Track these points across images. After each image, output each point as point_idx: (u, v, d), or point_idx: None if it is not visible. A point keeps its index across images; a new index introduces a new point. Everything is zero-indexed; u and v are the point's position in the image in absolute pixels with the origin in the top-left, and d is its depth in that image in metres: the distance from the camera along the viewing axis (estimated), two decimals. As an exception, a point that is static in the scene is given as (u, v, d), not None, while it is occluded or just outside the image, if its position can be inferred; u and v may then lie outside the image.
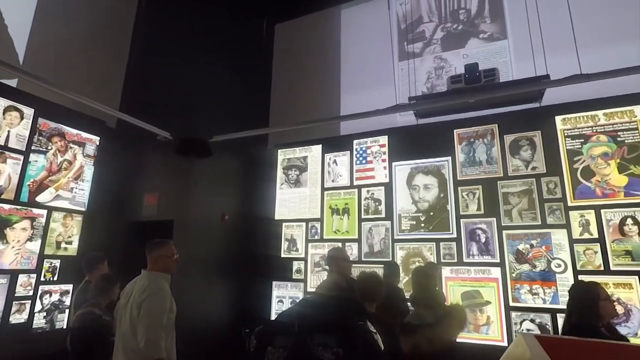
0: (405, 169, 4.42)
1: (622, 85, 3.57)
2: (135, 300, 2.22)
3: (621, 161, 3.54)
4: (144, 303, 2.18)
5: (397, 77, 4.64)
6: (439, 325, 2.16)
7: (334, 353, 0.76)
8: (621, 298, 3.28)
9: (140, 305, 2.18)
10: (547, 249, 3.61)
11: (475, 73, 3.64)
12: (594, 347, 0.95)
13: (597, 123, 3.70)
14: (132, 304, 2.23)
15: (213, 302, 4.61)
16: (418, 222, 4.20)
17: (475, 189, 4.02)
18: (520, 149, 3.94)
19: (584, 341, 1.07)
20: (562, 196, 3.66)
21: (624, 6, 3.96)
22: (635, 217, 3.38)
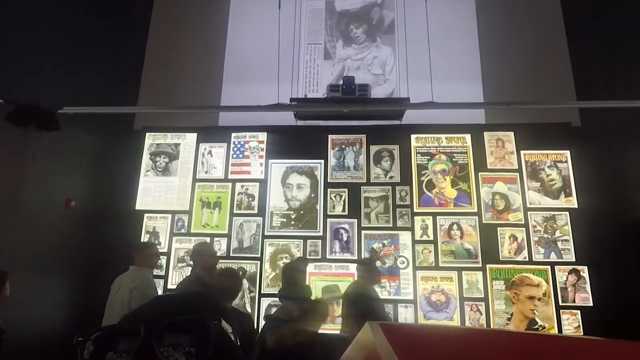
0: (281, 167, 4.51)
1: (460, 116, 4.38)
2: (126, 288, 2.81)
3: (454, 178, 4.33)
4: (134, 290, 2.78)
5: (281, 75, 4.70)
6: (304, 318, 2.27)
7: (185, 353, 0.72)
8: (444, 289, 4.01)
9: (132, 292, 2.77)
10: (395, 248, 4.16)
11: (351, 86, 3.97)
12: (427, 331, 1.14)
13: (440, 144, 4.44)
14: (122, 291, 2.82)
15: (49, 304, 3.89)
16: (289, 220, 4.34)
17: (342, 191, 4.37)
18: (382, 159, 4.45)
19: (418, 326, 1.27)
20: (410, 203, 4.28)
21: (471, 52, 4.87)
22: (459, 224, 4.18)
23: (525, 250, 4.06)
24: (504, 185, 4.26)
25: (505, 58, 4.80)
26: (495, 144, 4.39)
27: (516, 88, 4.55)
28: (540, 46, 4.82)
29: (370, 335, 0.86)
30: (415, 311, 3.99)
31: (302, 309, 2.32)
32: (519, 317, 3.91)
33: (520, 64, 4.73)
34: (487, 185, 4.28)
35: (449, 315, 3.97)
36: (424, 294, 4.02)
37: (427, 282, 4.05)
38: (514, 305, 3.94)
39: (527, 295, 3.94)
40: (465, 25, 5.00)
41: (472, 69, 4.83)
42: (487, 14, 4.99)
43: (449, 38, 4.89)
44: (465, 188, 4.29)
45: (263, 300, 4.11)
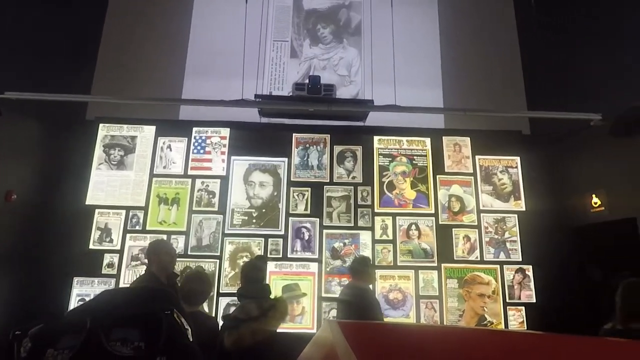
0: (243, 164, 4.44)
1: (421, 120, 4.52)
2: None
3: (414, 179, 4.46)
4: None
5: (246, 71, 4.62)
6: (264, 317, 2.24)
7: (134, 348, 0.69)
8: (402, 287, 4.13)
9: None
10: (355, 247, 4.23)
11: (317, 85, 3.99)
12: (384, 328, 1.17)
13: (401, 147, 4.56)
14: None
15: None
16: (250, 218, 4.28)
17: (305, 190, 4.37)
18: (345, 159, 4.50)
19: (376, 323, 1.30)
20: (371, 203, 4.36)
21: (434, 58, 5.04)
22: (417, 224, 4.31)
23: (477, 250, 4.27)
24: (459, 188, 4.45)
25: (465, 66, 5.02)
26: (453, 148, 4.58)
27: (473, 95, 4.77)
28: (496, 57, 5.10)
29: (328, 334, 0.86)
30: (374, 309, 4.07)
31: (261, 308, 2.30)
32: (469, 313, 4.11)
33: (477, 73, 4.97)
34: (444, 187, 4.45)
35: (405, 312, 4.10)
36: (382, 293, 4.12)
37: (386, 281, 4.15)
38: (466, 302, 4.13)
39: (478, 293, 4.15)
40: (428, 31, 5.17)
41: (434, 75, 5.01)
42: (449, 22, 5.19)
43: (413, 43, 5.04)
44: (424, 190, 4.44)
45: (221, 299, 4.02)
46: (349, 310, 3.07)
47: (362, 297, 3.08)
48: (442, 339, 0.96)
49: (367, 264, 3.38)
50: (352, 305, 3.07)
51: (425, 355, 0.74)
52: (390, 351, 0.75)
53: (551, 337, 1.02)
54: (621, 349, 0.92)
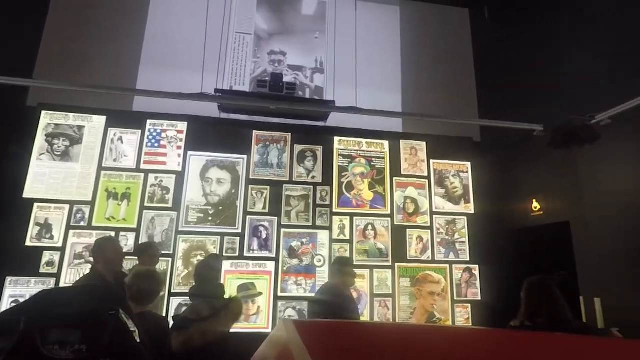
0: (200, 160, 4.31)
1: (380, 123, 4.63)
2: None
3: (371, 181, 4.57)
4: None
5: (206, 64, 4.49)
6: (215, 317, 2.19)
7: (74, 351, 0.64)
8: (357, 286, 4.21)
9: None
10: (313, 246, 4.25)
11: (279, 83, 3.96)
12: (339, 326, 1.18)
13: (360, 148, 4.65)
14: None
15: None
16: (206, 216, 4.17)
17: (264, 188, 4.32)
18: (305, 159, 4.51)
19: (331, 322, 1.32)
20: (329, 203, 4.40)
21: (394, 63, 5.18)
22: (374, 225, 4.42)
23: (429, 250, 4.46)
24: (414, 190, 4.62)
25: (423, 73, 5.22)
26: (410, 151, 4.74)
27: (430, 102, 4.97)
28: (452, 66, 5.35)
29: (283, 333, 0.86)
30: (329, 308, 4.12)
31: (213, 308, 2.24)
32: (420, 311, 4.28)
33: (435, 80, 5.19)
34: (400, 189, 4.60)
35: (359, 311, 4.18)
36: (338, 291, 4.17)
37: (342, 280, 4.21)
38: (417, 300, 4.29)
39: (428, 291, 4.33)
40: (390, 37, 5.31)
41: (394, 80, 5.15)
42: (410, 30, 5.37)
43: (375, 47, 5.16)
44: (381, 191, 4.56)
45: (173, 299, 3.87)
46: (324, 312, 2.98)
47: (338, 298, 3.00)
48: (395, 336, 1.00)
49: (347, 264, 3.30)
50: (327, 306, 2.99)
51: (378, 353, 0.76)
52: (344, 349, 0.77)
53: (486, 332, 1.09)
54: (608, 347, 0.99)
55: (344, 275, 3.17)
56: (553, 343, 0.98)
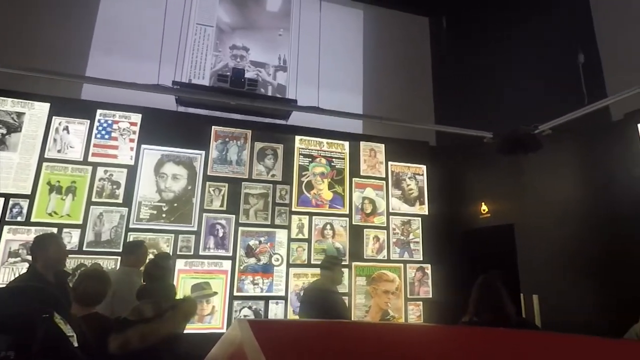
0: (155, 154, 4.13)
1: (341, 124, 4.68)
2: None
3: (331, 181, 4.61)
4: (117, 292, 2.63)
5: (164, 54, 4.30)
6: (159, 319, 2.09)
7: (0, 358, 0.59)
8: (314, 285, 4.23)
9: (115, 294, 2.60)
10: (271, 245, 4.21)
11: (241, 78, 3.89)
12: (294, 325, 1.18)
13: (321, 148, 4.68)
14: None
15: None
16: (160, 212, 4.00)
17: (222, 186, 4.22)
18: (266, 157, 4.46)
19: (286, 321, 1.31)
20: (289, 202, 4.39)
21: (357, 66, 5.25)
22: (332, 224, 4.47)
23: (385, 250, 4.58)
24: (372, 191, 4.73)
25: (384, 76, 5.35)
26: (369, 153, 4.85)
27: (390, 105, 5.10)
28: (411, 71, 5.53)
29: (237, 333, 0.85)
30: (286, 307, 4.11)
31: (158, 309, 2.14)
32: (375, 309, 4.38)
33: (394, 84, 5.33)
34: (358, 190, 4.68)
35: (316, 309, 4.20)
36: (295, 291, 4.17)
37: (299, 279, 4.22)
38: (372, 299, 4.40)
39: (383, 289, 4.45)
40: (353, 39, 5.39)
41: (356, 82, 5.23)
42: (372, 33, 5.48)
43: (338, 49, 5.21)
44: (340, 191, 4.61)
45: (121, 300, 3.68)
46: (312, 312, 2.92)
47: (325, 299, 2.94)
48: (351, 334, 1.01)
49: (336, 263, 3.25)
50: (314, 306, 2.94)
51: (334, 351, 0.77)
52: (299, 349, 0.77)
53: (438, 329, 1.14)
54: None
55: (332, 273, 3.11)
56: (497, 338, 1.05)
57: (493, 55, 4.76)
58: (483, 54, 4.92)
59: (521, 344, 0.97)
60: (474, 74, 5.02)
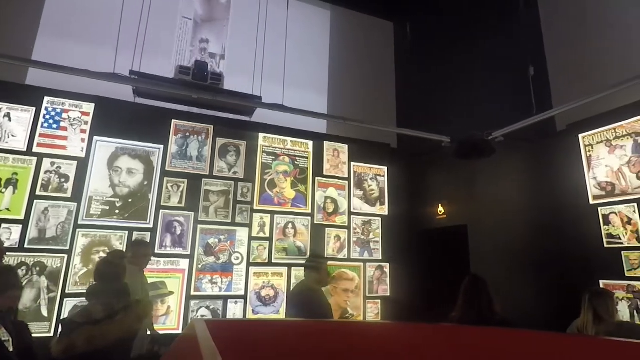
0: (109, 147, 3.91)
1: (306, 123, 4.68)
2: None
3: (294, 180, 4.60)
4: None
5: (121, 41, 4.08)
6: (109, 321, 1.98)
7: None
8: (274, 284, 4.21)
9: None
10: (231, 244, 4.14)
11: (204, 72, 3.78)
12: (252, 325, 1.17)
13: (285, 147, 4.66)
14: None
15: None
16: (112, 208, 3.80)
17: (181, 182, 4.09)
18: (228, 153, 4.37)
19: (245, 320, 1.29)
20: (251, 200, 4.33)
21: (323, 66, 5.27)
22: (294, 223, 4.46)
23: (345, 249, 4.64)
24: (335, 191, 4.77)
25: (349, 78, 5.41)
26: (332, 153, 4.89)
27: (354, 106, 5.17)
28: (376, 74, 5.65)
29: (194, 333, 0.82)
30: (245, 306, 4.05)
31: (109, 310, 2.03)
32: (334, 307, 4.42)
33: (359, 86, 5.42)
34: (321, 189, 4.71)
35: (276, 309, 4.18)
36: (255, 290, 4.13)
37: (259, 278, 4.17)
38: (332, 297, 4.44)
39: (343, 288, 4.51)
40: (320, 39, 5.40)
41: (321, 82, 5.25)
42: (338, 34, 5.52)
43: (305, 48, 5.20)
44: (303, 190, 4.62)
45: (68, 301, 3.46)
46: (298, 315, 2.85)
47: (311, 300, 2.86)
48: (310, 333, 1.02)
49: (322, 263, 3.16)
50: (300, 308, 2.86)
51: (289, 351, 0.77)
52: (256, 349, 0.76)
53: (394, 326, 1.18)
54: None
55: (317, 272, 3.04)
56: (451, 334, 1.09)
57: (453, 64, 4.96)
58: (444, 62, 5.12)
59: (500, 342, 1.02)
60: (435, 80, 5.21)
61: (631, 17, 3.86)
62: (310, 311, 2.74)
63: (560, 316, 2.87)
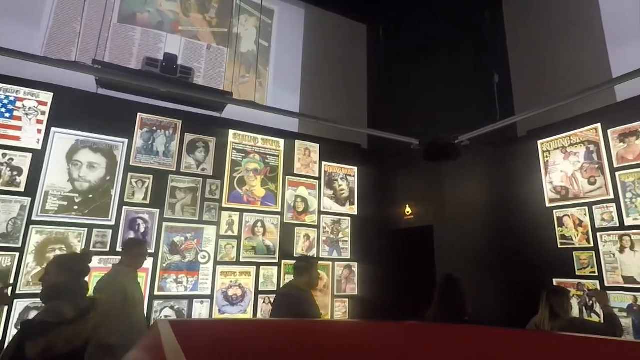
0: (68, 139, 3.71)
1: (277, 121, 4.65)
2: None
3: (264, 178, 4.56)
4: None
5: (83, 28, 3.89)
6: (82, 319, 1.89)
7: None
8: (242, 283, 4.15)
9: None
10: (198, 242, 4.04)
11: (173, 65, 3.67)
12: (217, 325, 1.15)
13: (255, 144, 4.60)
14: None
15: None
16: (71, 204, 3.61)
17: (146, 177, 3.94)
18: (196, 149, 4.26)
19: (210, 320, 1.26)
20: (219, 198, 4.25)
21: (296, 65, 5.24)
22: (263, 222, 4.42)
23: (315, 248, 4.65)
24: (305, 190, 4.77)
25: (322, 77, 5.42)
26: (304, 152, 4.88)
27: (326, 106, 5.19)
28: (348, 75, 5.69)
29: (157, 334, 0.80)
30: (211, 306, 3.97)
31: (78, 309, 1.94)
32: (302, 307, 4.43)
33: (331, 86, 5.44)
34: (292, 188, 4.69)
35: (243, 308, 4.13)
36: (222, 289, 4.05)
37: (227, 277, 4.10)
38: (300, 296, 4.43)
39: (311, 287, 4.51)
40: (294, 37, 5.37)
41: (294, 80, 5.23)
42: (312, 33, 5.52)
43: (278, 46, 5.16)
44: (273, 189, 4.58)
45: (18, 302, 3.25)
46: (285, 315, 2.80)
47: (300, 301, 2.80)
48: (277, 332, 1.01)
49: (313, 263, 3.12)
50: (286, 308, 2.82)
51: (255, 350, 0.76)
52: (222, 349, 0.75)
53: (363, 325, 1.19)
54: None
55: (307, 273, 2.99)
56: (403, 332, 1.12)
57: (423, 69, 5.09)
58: (414, 66, 5.24)
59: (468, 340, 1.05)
60: (406, 83, 5.33)
61: (586, 36, 4.11)
62: (301, 312, 2.70)
63: (521, 313, 3.02)
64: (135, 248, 3.07)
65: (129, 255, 2.99)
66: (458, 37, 4.85)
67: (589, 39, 4.02)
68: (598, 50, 3.91)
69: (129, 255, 3.00)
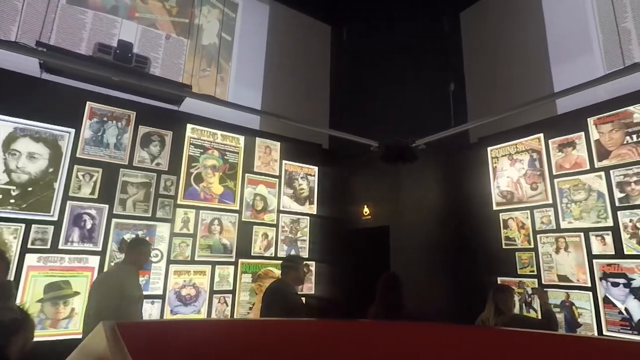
0: (5, 126, 3.41)
1: (238, 117, 4.56)
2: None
3: (223, 175, 4.46)
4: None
5: (26, 7, 3.58)
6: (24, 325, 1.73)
7: None
8: (196, 283, 4.03)
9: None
10: (150, 240, 3.86)
11: (128, 53, 3.49)
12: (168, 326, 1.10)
13: (215, 140, 4.48)
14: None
15: None
16: (7, 197, 3.31)
17: (94, 171, 3.71)
18: (151, 143, 4.08)
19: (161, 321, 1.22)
20: (174, 194, 4.09)
21: (259, 61, 5.16)
22: (220, 220, 4.32)
23: (272, 247, 4.62)
24: (265, 188, 4.72)
25: (284, 75, 5.39)
26: (264, 150, 4.83)
27: (287, 104, 5.17)
28: (311, 75, 5.71)
29: (102, 337, 0.75)
30: (163, 306, 3.82)
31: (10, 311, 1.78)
32: (258, 306, 4.37)
33: (294, 84, 5.43)
34: (251, 186, 4.63)
35: (196, 308, 4.01)
36: (175, 289, 3.91)
37: (180, 276, 3.97)
38: (257, 295, 4.39)
39: (268, 286, 4.47)
40: (258, 33, 5.29)
41: (256, 76, 5.15)
42: (276, 30, 5.47)
43: (242, 40, 5.06)
44: (232, 186, 4.49)
45: (-60, 303, 2.93)
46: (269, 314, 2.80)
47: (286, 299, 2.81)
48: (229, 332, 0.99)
49: (300, 262, 3.15)
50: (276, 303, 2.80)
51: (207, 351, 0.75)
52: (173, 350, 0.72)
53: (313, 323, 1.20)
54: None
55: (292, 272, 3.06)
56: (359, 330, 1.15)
57: (384, 73, 5.22)
58: (376, 70, 5.36)
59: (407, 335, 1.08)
60: (367, 86, 5.43)
61: (533, 52, 4.42)
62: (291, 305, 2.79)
63: (469, 309, 3.19)
64: (140, 246, 3.04)
65: (134, 254, 2.97)
66: (419, 45, 5.03)
67: (536, 55, 4.33)
68: (542, 66, 4.22)
69: (134, 253, 2.98)
